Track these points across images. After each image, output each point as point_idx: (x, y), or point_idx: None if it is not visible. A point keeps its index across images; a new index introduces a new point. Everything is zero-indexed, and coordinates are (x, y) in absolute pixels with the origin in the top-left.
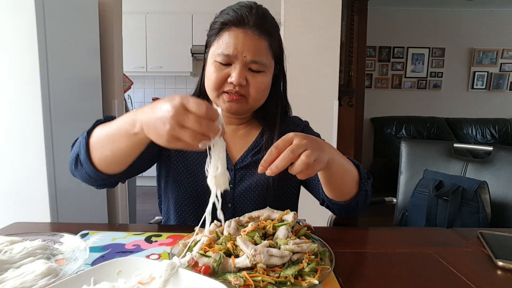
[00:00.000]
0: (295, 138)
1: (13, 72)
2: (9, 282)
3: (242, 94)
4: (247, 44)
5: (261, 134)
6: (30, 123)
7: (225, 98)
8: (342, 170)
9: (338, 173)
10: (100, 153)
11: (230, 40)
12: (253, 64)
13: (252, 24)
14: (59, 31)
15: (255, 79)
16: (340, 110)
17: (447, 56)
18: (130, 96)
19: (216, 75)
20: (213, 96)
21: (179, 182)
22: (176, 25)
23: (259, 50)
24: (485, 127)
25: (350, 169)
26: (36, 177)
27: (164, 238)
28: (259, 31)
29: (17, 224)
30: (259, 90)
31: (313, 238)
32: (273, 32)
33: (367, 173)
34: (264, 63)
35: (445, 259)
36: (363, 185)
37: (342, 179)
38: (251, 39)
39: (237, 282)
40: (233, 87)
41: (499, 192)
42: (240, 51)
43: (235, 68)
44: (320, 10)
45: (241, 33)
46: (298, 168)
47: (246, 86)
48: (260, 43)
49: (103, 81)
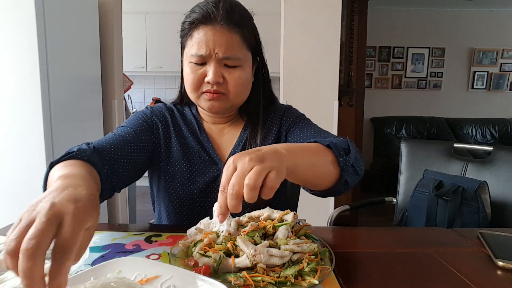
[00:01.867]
0: (238, 162)
1: (13, 72)
2: (9, 282)
3: (221, 92)
4: (217, 41)
5: (244, 129)
6: (30, 123)
7: (206, 97)
8: (311, 167)
9: (306, 173)
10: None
11: (200, 38)
12: (227, 60)
13: (219, 19)
14: (59, 31)
15: (232, 75)
16: (340, 110)
17: (447, 56)
18: (130, 96)
19: (193, 76)
20: (193, 97)
21: (170, 189)
22: (176, 25)
23: (230, 45)
24: (485, 127)
25: (320, 160)
26: (36, 177)
27: (164, 238)
28: (228, 25)
29: None
30: (238, 86)
31: (313, 238)
32: (244, 23)
33: (348, 143)
34: (238, 57)
35: (445, 259)
36: (344, 164)
37: (314, 175)
38: (221, 34)
39: (237, 282)
40: (211, 86)
41: (499, 192)
42: (212, 49)
43: (210, 67)
44: (320, 10)
45: (210, 30)
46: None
47: (224, 83)
48: (231, 37)
49: (103, 81)
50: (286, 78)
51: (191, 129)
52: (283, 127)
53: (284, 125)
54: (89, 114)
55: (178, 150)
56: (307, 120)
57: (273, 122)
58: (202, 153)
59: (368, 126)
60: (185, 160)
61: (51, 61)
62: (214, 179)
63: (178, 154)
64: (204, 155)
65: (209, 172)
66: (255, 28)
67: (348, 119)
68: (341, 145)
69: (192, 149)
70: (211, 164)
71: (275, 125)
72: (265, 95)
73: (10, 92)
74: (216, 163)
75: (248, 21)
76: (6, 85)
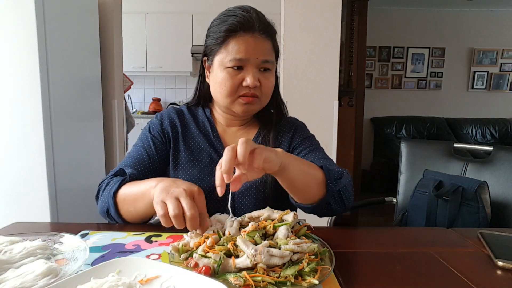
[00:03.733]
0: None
1: (13, 72)
2: (9, 282)
3: (256, 95)
4: (257, 47)
5: (258, 133)
6: (30, 123)
7: (242, 102)
8: (300, 173)
9: (295, 176)
10: (126, 210)
11: (241, 45)
12: (265, 63)
13: (257, 27)
14: (59, 31)
15: (266, 79)
16: (340, 110)
17: (447, 56)
18: (130, 96)
19: (231, 81)
20: (227, 102)
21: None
22: (176, 25)
23: (267, 51)
24: (485, 127)
25: (311, 172)
26: (36, 177)
27: (164, 238)
28: (264, 33)
29: (17, 224)
30: (269, 89)
31: (313, 238)
32: (274, 33)
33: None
34: (272, 62)
35: (445, 259)
36: (330, 187)
37: (302, 182)
38: (260, 41)
39: (237, 282)
40: (249, 90)
41: (499, 192)
42: (252, 54)
43: (248, 72)
44: (320, 10)
45: (250, 37)
46: (241, 150)
47: (259, 87)
48: (267, 44)
49: (103, 81)
50: (286, 78)
51: (203, 130)
52: (292, 144)
53: (293, 142)
54: (89, 114)
55: (186, 151)
56: (315, 143)
57: (284, 137)
58: (213, 154)
59: (368, 126)
60: (194, 160)
61: (51, 61)
62: None
63: (186, 155)
64: (215, 156)
65: None
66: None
67: (348, 119)
68: (335, 172)
69: (203, 149)
70: None
71: (285, 141)
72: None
73: (10, 92)
74: None
75: (275, 32)
76: (6, 85)
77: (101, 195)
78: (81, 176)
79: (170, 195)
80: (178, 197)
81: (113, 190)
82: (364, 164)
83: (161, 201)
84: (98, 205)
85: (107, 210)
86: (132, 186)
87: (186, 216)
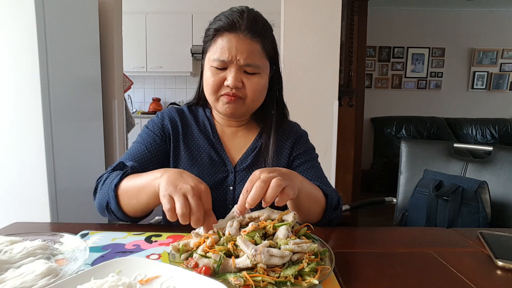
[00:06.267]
0: (262, 173)
1: (13, 72)
2: (9, 282)
3: (239, 96)
4: (240, 48)
5: (259, 135)
6: (30, 123)
7: (224, 100)
8: (309, 198)
9: (305, 201)
10: (127, 202)
11: (224, 45)
12: (247, 67)
13: (243, 28)
14: (59, 31)
15: (250, 81)
16: (340, 110)
17: (447, 56)
18: (130, 96)
19: (213, 79)
20: (212, 99)
21: None
22: (176, 25)
23: (252, 53)
24: (485, 127)
25: (317, 198)
26: (36, 177)
27: (164, 238)
28: (251, 34)
29: (17, 224)
30: (255, 92)
31: (313, 238)
32: (265, 34)
33: (339, 200)
34: (257, 65)
35: (445, 259)
36: (327, 215)
37: (309, 207)
38: (244, 42)
39: (237, 282)
40: (230, 90)
41: (499, 192)
42: (234, 55)
43: (230, 72)
44: (320, 10)
45: (234, 37)
46: (272, 192)
47: (242, 88)
48: (253, 46)
49: (103, 81)
50: (286, 78)
51: (203, 130)
52: (293, 153)
53: (294, 151)
54: (89, 114)
55: (186, 150)
56: (314, 157)
57: (285, 144)
58: (213, 154)
59: (368, 126)
60: (193, 159)
61: (51, 61)
62: (223, 179)
63: (186, 154)
64: (215, 156)
65: (217, 172)
66: (274, 39)
67: (348, 119)
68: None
69: (202, 149)
70: (221, 165)
71: (287, 148)
72: (278, 104)
73: (10, 92)
74: (226, 164)
75: (269, 32)
76: (6, 85)
77: (100, 189)
78: (81, 176)
79: (178, 191)
80: (186, 195)
81: (114, 183)
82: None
83: (168, 195)
84: (95, 200)
85: (106, 204)
86: (135, 178)
87: (192, 217)
